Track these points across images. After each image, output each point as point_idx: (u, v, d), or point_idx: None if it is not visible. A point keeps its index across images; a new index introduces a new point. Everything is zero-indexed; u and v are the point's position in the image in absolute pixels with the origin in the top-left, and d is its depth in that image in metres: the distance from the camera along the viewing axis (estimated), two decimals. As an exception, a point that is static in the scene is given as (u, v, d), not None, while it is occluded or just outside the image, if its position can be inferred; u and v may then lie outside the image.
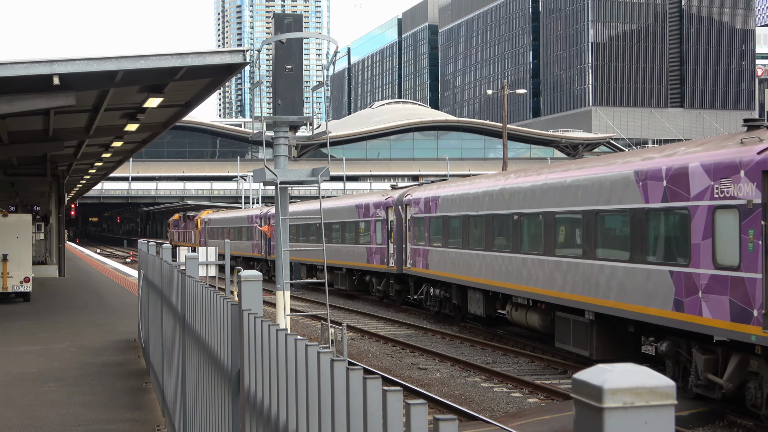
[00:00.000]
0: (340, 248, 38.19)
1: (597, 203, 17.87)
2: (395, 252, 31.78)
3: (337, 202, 40.18)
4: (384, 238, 32.88)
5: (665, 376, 1.46)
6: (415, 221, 29.91)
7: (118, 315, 24.25)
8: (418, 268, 29.71)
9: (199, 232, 68.15)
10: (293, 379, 3.47)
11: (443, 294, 27.99)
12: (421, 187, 31.19)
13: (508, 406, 16.51)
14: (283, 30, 15.89)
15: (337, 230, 39.04)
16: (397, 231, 31.56)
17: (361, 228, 35.70)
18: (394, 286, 33.13)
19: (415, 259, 29.85)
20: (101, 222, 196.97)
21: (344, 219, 37.85)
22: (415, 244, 29.90)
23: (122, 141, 32.56)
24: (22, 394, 12.99)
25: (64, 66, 17.06)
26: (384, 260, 32.87)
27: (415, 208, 29.99)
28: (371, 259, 34.27)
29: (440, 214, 27.43)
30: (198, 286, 6.81)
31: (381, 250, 33.20)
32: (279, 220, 15.96)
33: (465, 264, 25.26)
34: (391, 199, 32.47)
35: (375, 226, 33.94)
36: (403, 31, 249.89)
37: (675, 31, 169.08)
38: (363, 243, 35.28)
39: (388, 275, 33.52)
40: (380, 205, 33.47)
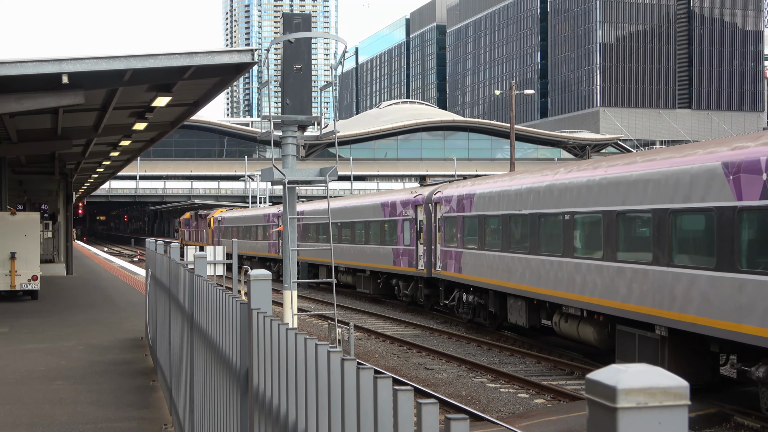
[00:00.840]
0: (363, 249, 36.07)
1: (672, 201, 15.52)
2: (425, 254, 29.67)
3: (360, 200, 37.91)
4: (412, 239, 30.77)
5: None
6: (447, 221, 27.66)
7: (126, 313, 24.29)
8: (449, 272, 27.44)
9: (212, 232, 66.15)
10: (303, 378, 3.47)
11: (478, 300, 25.75)
12: (452, 184, 28.85)
13: (514, 406, 16.50)
14: (292, 30, 15.91)
15: (360, 230, 36.76)
16: (427, 231, 29.43)
17: (386, 228, 33.51)
18: (424, 290, 30.89)
19: (445, 261, 27.68)
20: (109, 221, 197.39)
21: (368, 218, 35.57)
22: (446, 246, 27.72)
23: (130, 140, 32.63)
24: (30, 392, 13.03)
25: (73, 65, 17.10)
26: (412, 263, 30.79)
27: (446, 207, 27.74)
28: (398, 261, 32.19)
29: (475, 213, 25.20)
30: (207, 285, 6.82)
31: (409, 251, 31.11)
32: (287, 220, 15.98)
33: (505, 268, 23.07)
34: (420, 196, 30.32)
35: (402, 226, 31.78)
36: (411, 31, 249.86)
37: (683, 32, 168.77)
38: (389, 244, 33.16)
39: (416, 279, 31.49)
40: (408, 203, 31.24)
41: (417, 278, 31.27)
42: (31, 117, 23.74)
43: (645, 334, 16.49)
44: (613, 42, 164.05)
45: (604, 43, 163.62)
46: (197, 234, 73.05)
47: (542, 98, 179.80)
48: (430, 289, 30.61)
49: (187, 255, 18.12)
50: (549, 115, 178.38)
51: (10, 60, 16.95)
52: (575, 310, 19.55)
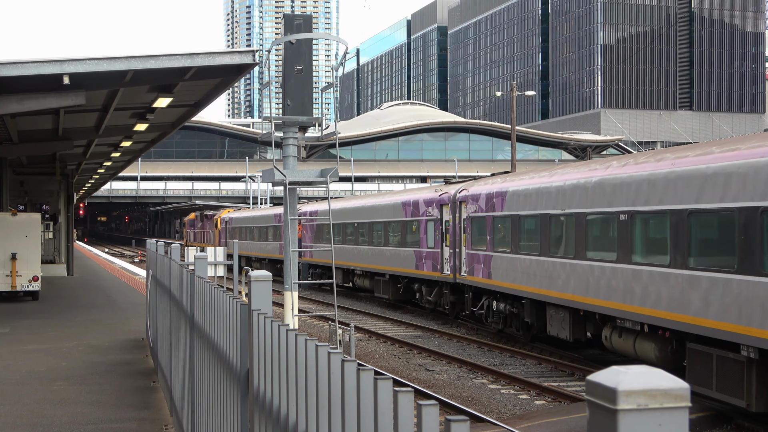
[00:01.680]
0: (382, 251, 33.65)
1: (764, 197, 13.18)
2: (451, 257, 27.34)
3: (378, 199, 35.44)
4: (437, 241, 28.43)
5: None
6: (474, 221, 25.28)
7: (126, 314, 24.30)
8: (476, 277, 25.10)
9: (219, 233, 63.55)
10: (303, 379, 3.48)
11: (509, 309, 23.41)
12: (479, 181, 26.54)
13: (515, 408, 16.49)
14: (293, 31, 15.92)
15: (378, 231, 34.28)
16: (453, 233, 27.13)
17: (408, 229, 31.12)
18: (449, 297, 28.23)
19: (472, 266, 25.34)
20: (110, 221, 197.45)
21: (387, 218, 33.13)
22: (473, 249, 25.35)
23: (131, 141, 32.65)
24: (31, 392, 13.03)
25: (74, 65, 17.11)
26: (437, 266, 28.45)
27: (473, 206, 25.37)
28: (421, 265, 29.79)
29: (508, 212, 22.85)
30: (207, 286, 6.82)
31: (433, 254, 28.75)
32: (287, 221, 15.98)
33: (544, 275, 20.61)
34: (446, 195, 27.93)
35: (426, 227, 29.35)
36: (412, 32, 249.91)
37: (684, 34, 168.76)
38: (411, 246, 30.79)
39: (440, 284, 28.92)
40: (432, 202, 28.88)
41: (441, 283, 28.81)
42: (33, 117, 23.75)
43: (726, 354, 14.13)
44: (614, 43, 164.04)
45: (605, 45, 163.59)
46: (203, 235, 70.82)
47: (543, 99, 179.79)
48: (456, 295, 28.11)
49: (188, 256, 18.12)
50: (550, 117, 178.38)
51: (11, 60, 16.96)
52: (632, 324, 17.07)
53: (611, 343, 18.25)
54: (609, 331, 18.29)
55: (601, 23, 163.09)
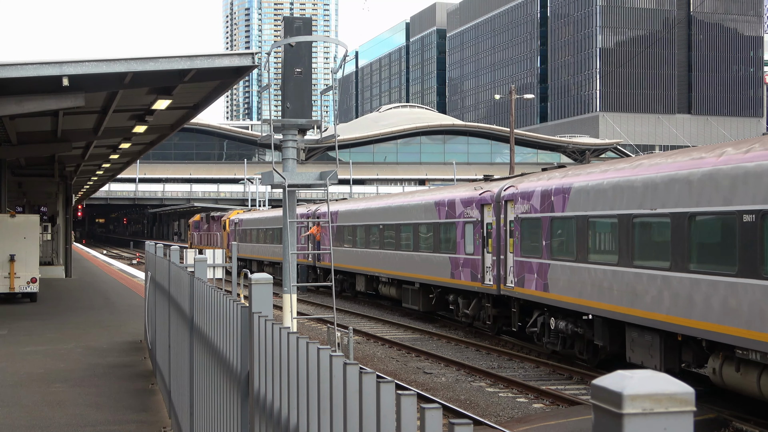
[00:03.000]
0: (411, 257, 30.22)
1: None
2: (494, 265, 23.97)
3: (407, 199, 31.95)
4: (477, 247, 25.05)
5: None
6: (525, 223, 21.92)
7: (125, 316, 24.28)
8: (528, 289, 21.69)
9: (228, 235, 60.11)
10: (304, 382, 3.47)
11: (572, 328, 19.84)
12: (530, 176, 23.05)
13: (513, 411, 16.49)
14: (293, 33, 15.93)
15: (407, 234, 30.80)
16: (497, 237, 23.79)
17: (442, 232, 27.74)
18: (490, 310, 24.87)
19: (522, 276, 21.99)
20: (108, 223, 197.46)
21: (418, 220, 29.70)
22: (523, 256, 21.94)
23: (130, 143, 32.65)
24: (29, 394, 13.02)
25: (73, 67, 17.12)
26: (476, 275, 25.04)
27: (523, 205, 21.99)
28: (457, 274, 26.38)
29: (572, 213, 19.38)
30: (207, 289, 6.82)
31: (472, 261, 25.35)
32: (287, 223, 15.98)
33: (624, 289, 17.09)
34: (488, 193, 24.67)
35: (463, 230, 25.99)
36: (411, 35, 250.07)
37: (683, 38, 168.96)
38: (445, 251, 27.34)
39: (480, 295, 25.47)
40: (472, 201, 25.53)
41: (482, 295, 25.29)
42: (31, 119, 23.75)
43: None
44: (613, 47, 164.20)
45: (604, 48, 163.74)
46: (210, 237, 67.34)
47: (542, 103, 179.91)
48: (499, 309, 24.70)
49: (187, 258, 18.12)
50: (548, 120, 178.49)
51: (10, 62, 16.96)
52: (761, 357, 13.63)
53: (721, 378, 14.88)
54: (719, 362, 14.92)
55: (599, 27, 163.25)
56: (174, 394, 10.01)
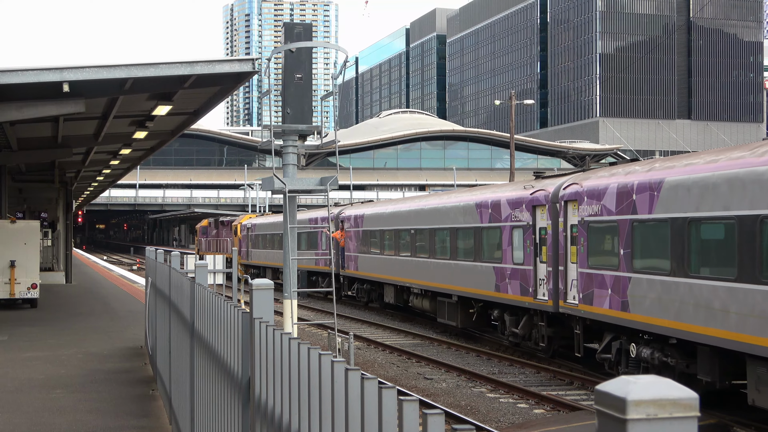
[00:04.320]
0: (448, 266, 26.89)
1: None
2: (549, 277, 20.66)
3: (443, 200, 28.36)
4: (528, 255, 21.80)
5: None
6: (593, 229, 18.52)
7: (125, 322, 24.27)
8: (599, 308, 18.19)
9: (239, 241, 56.96)
10: (306, 388, 3.47)
11: (660, 358, 16.45)
12: (598, 172, 19.52)
13: (514, 416, 16.48)
14: (293, 39, 15.94)
15: (443, 239, 27.47)
16: (554, 244, 20.51)
17: (485, 238, 24.48)
18: (545, 330, 21.54)
19: (590, 291, 18.57)
20: (108, 229, 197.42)
21: (456, 224, 26.39)
22: (592, 267, 18.53)
23: (130, 148, 32.65)
24: (30, 400, 13.00)
25: (74, 73, 17.12)
26: (527, 289, 21.82)
27: (591, 206, 18.57)
28: (503, 286, 23.14)
29: (664, 214, 15.91)
30: (208, 294, 6.82)
31: (521, 272, 22.12)
32: (287, 229, 15.98)
33: (748, 311, 13.58)
34: (541, 193, 21.26)
35: (511, 236, 22.81)
36: (411, 40, 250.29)
37: (683, 43, 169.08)
38: (488, 260, 24.11)
39: (532, 312, 22.25)
40: (521, 202, 22.27)
41: (533, 312, 22.18)
42: (32, 125, 23.76)
43: None
44: (613, 52, 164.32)
45: (604, 54, 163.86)
46: (218, 243, 64.25)
47: (542, 108, 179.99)
48: (555, 328, 21.43)
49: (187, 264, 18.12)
50: (548, 125, 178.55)
51: (11, 68, 16.97)
52: None
53: None
54: None
55: (599, 32, 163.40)
56: (175, 400, 10.00)
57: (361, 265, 35.52)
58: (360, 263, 35.59)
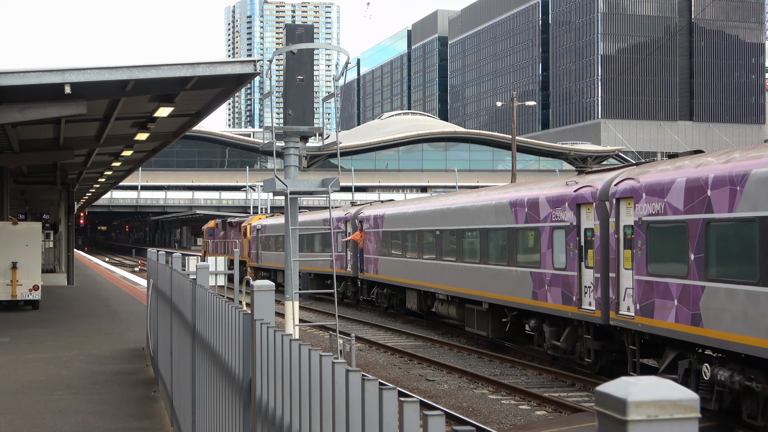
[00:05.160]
0: (478, 270, 24.66)
1: None
2: (597, 285, 18.35)
3: (472, 198, 25.97)
4: (571, 259, 19.51)
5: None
6: (654, 229, 16.19)
7: (127, 324, 24.27)
8: (663, 321, 15.77)
9: (249, 242, 55.04)
10: (306, 390, 3.47)
11: (742, 382, 13.96)
12: (658, 165, 16.91)
13: (515, 418, 16.46)
14: (294, 41, 15.94)
15: (472, 241, 25.31)
16: (603, 247, 18.21)
17: (520, 239, 22.28)
18: (591, 343, 19.03)
19: (650, 301, 16.19)
20: (110, 230, 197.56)
21: (487, 224, 24.20)
22: (653, 274, 16.20)
23: (132, 150, 32.67)
24: (31, 402, 13.01)
25: (75, 75, 17.14)
26: (570, 297, 19.51)
27: (651, 204, 16.29)
28: (541, 294, 20.89)
29: (750, 212, 13.65)
30: (209, 296, 6.82)
31: (564, 279, 19.86)
32: (288, 230, 15.97)
33: None
34: (587, 190, 18.98)
35: (551, 238, 20.54)
36: (413, 42, 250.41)
37: (685, 45, 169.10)
38: (524, 264, 21.90)
39: (575, 323, 19.79)
40: (563, 200, 19.99)
41: (577, 323, 19.71)
42: (34, 127, 23.78)
43: None
44: (615, 54, 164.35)
45: (606, 55, 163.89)
46: (226, 245, 61.86)
47: (543, 110, 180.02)
48: (602, 341, 19.05)
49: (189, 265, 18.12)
50: (550, 127, 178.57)
51: (12, 70, 16.98)
52: None
53: None
54: None
55: (601, 34, 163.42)
56: (176, 401, 10.00)
57: (381, 268, 33.51)
58: (380, 266, 33.59)
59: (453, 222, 26.64)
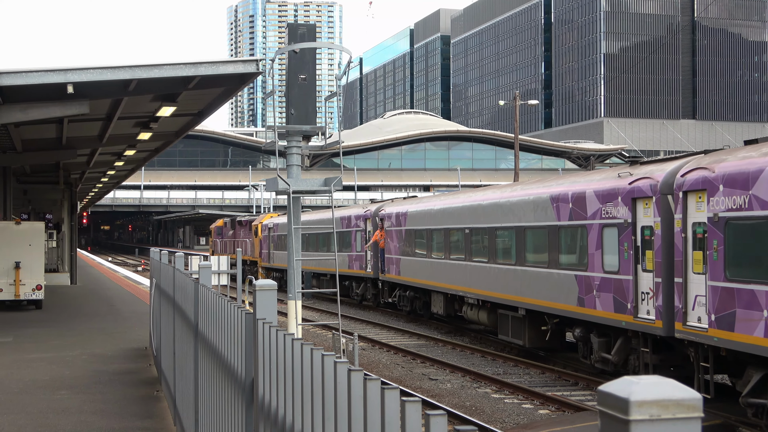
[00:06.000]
0: (513, 273, 22.58)
1: None
2: (656, 290, 16.22)
3: (506, 193, 23.74)
4: (626, 261, 17.33)
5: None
6: (735, 227, 14.09)
7: (130, 323, 24.28)
8: (747, 336, 13.72)
9: (260, 242, 53.06)
10: (309, 389, 3.46)
11: None
12: (736, 152, 14.71)
13: (518, 417, 16.45)
14: (297, 40, 15.94)
15: (506, 240, 23.30)
16: (666, 248, 16.00)
17: (564, 239, 20.10)
18: (650, 358, 16.81)
19: (730, 312, 14.06)
20: (113, 230, 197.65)
21: (524, 222, 22.10)
22: (733, 280, 14.02)
23: (135, 150, 32.68)
24: (34, 401, 13.01)
25: (78, 75, 17.14)
26: (624, 304, 17.35)
27: (731, 198, 14.14)
28: (589, 300, 18.68)
29: None
30: (211, 295, 6.81)
31: (616, 283, 17.67)
32: (291, 230, 15.97)
33: None
34: (646, 182, 16.72)
35: (600, 237, 18.32)
36: (415, 41, 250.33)
37: (687, 43, 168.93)
38: (568, 267, 19.75)
39: (629, 334, 17.65)
40: (615, 194, 17.75)
41: (631, 334, 17.58)
42: (36, 126, 23.79)
43: None
44: (617, 53, 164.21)
45: (608, 54, 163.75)
46: (235, 245, 59.63)
47: (546, 108, 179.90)
48: (662, 355, 16.88)
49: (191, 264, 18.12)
50: (553, 126, 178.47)
51: (15, 70, 16.99)
52: None
53: None
54: None
55: (603, 32, 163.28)
56: (179, 401, 10.00)
57: (403, 269, 31.40)
58: (402, 267, 31.51)
59: (484, 219, 24.60)
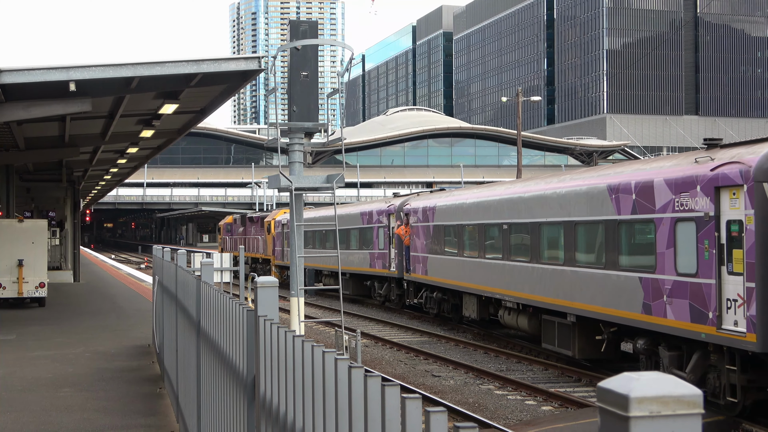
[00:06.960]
0: (561, 274, 20.03)
1: None
2: (751, 298, 13.61)
3: (552, 185, 20.82)
4: (705, 263, 14.68)
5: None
6: None
7: (133, 320, 24.30)
8: None
9: (273, 239, 50.57)
10: (310, 386, 3.46)
11: None
12: None
13: (522, 413, 16.45)
14: (299, 37, 15.94)
15: (552, 237, 20.71)
16: (759, 248, 13.51)
17: (624, 236, 17.43)
18: (738, 378, 14.20)
19: None
20: (116, 228, 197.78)
21: (573, 216, 19.39)
22: None
23: (137, 147, 32.69)
24: (37, 399, 13.02)
25: (80, 72, 17.13)
26: (704, 312, 14.71)
27: None
28: (656, 306, 16.03)
29: None
30: (214, 292, 6.81)
31: (693, 288, 15.02)
32: (293, 227, 15.97)
33: None
34: (734, 168, 14.13)
35: (672, 233, 15.63)
36: (418, 38, 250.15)
37: (690, 39, 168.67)
38: (631, 268, 17.11)
39: (708, 348, 15.10)
40: (692, 182, 15.06)
41: (712, 347, 14.95)
42: (39, 124, 23.80)
43: None
44: (620, 49, 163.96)
45: (611, 50, 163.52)
46: (247, 242, 57.83)
47: (549, 105, 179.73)
48: (751, 375, 14.18)
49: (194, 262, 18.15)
50: (556, 122, 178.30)
51: (17, 67, 16.99)
52: None
53: None
54: None
55: (606, 29, 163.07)
56: (182, 398, 10.00)
57: (431, 268, 28.98)
58: (430, 266, 29.13)
59: (526, 214, 21.88)
